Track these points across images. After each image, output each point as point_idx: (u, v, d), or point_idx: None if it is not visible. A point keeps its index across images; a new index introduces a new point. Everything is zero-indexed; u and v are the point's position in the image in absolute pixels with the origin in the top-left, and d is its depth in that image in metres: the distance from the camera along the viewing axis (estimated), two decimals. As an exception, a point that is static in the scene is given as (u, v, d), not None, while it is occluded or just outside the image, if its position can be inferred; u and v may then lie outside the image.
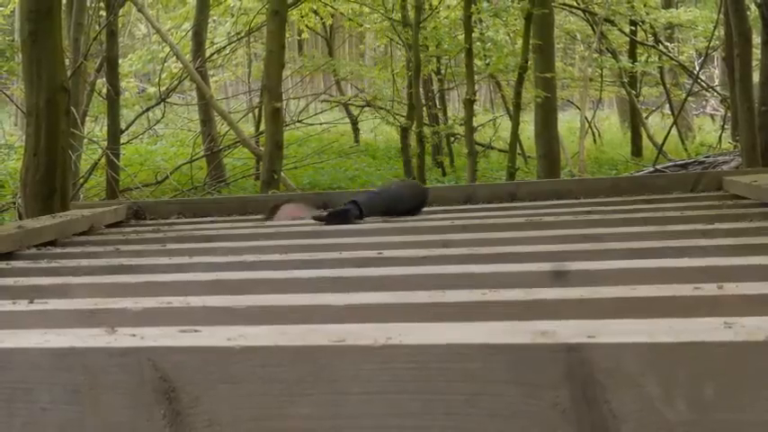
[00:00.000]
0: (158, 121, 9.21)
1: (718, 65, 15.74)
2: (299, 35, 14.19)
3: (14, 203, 6.29)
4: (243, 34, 10.34)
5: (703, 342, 0.71)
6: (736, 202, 2.29)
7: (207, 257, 1.72)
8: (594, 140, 12.67)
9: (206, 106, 8.68)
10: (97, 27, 7.98)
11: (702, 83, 11.48)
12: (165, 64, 9.29)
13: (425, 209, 2.50)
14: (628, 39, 11.93)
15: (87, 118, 8.16)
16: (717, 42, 10.20)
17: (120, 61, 8.35)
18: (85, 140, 7.70)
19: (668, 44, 12.74)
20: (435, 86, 11.73)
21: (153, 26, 8.50)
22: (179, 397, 0.77)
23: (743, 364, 0.70)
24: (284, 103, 7.83)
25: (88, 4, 7.69)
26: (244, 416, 0.77)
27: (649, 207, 2.26)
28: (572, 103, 14.89)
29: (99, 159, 7.50)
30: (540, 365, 0.72)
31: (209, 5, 9.65)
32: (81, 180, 7.05)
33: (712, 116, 15.24)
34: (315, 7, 11.56)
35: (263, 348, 0.77)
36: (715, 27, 9.44)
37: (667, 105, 11.97)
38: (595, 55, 11.30)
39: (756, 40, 6.48)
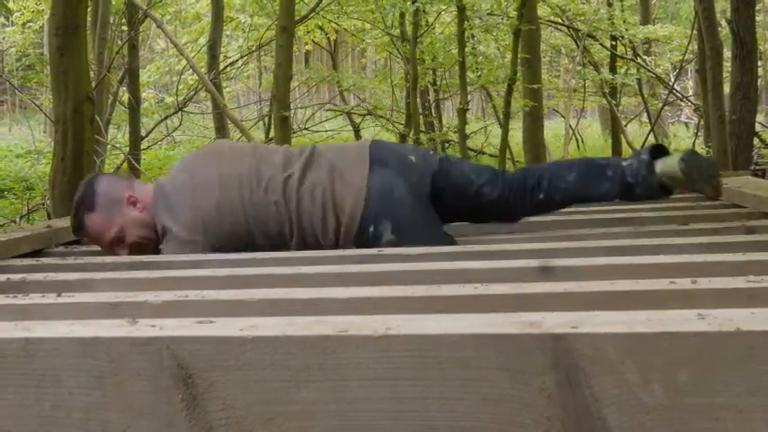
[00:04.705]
0: (176, 129, 9.20)
1: (691, 76, 15.74)
2: (306, 47, 14.18)
3: (43, 204, 6.29)
4: (254, 48, 10.34)
5: (678, 332, 0.71)
6: (709, 203, 2.28)
7: (220, 254, 1.72)
8: (578, 146, 12.67)
9: (220, 115, 8.68)
10: (120, 41, 7.99)
11: (677, 93, 11.48)
12: (182, 76, 9.29)
13: None
14: (609, 53, 11.93)
15: (110, 125, 8.16)
16: (691, 56, 10.19)
17: (140, 72, 8.35)
18: (109, 146, 7.70)
19: (646, 58, 12.74)
20: (431, 96, 11.73)
21: (171, 41, 8.49)
22: (195, 382, 0.77)
23: (714, 353, 0.70)
24: (292, 111, 7.82)
25: (111, 20, 7.70)
26: (255, 400, 0.77)
27: (628, 208, 2.26)
28: (557, 111, 14.88)
29: (121, 164, 7.50)
30: (528, 354, 0.72)
31: (223, 22, 9.65)
32: (105, 183, 7.03)
33: (686, 124, 15.23)
34: (320, 23, 11.56)
35: (272, 338, 0.77)
36: (689, 42, 9.44)
37: (645, 114, 11.97)
38: (579, 68, 11.30)
39: (727, 53, 6.49)
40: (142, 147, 7.98)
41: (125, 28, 7.98)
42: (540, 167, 2.09)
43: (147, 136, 8.27)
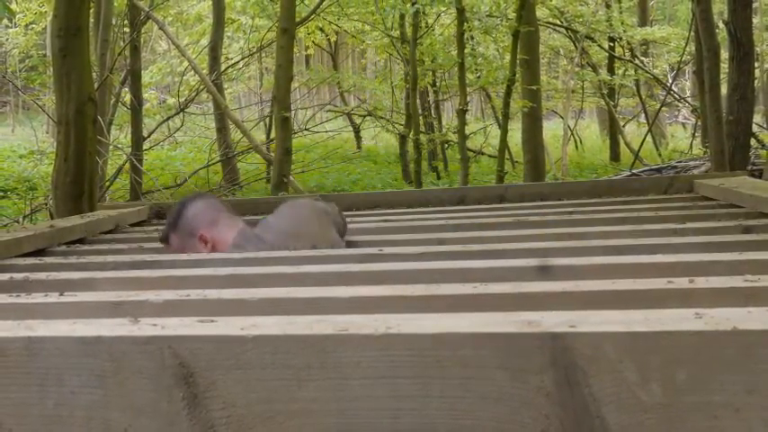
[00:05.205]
0: (177, 129, 9.21)
1: (689, 78, 15.75)
2: (306, 50, 14.19)
3: (46, 204, 6.30)
4: (255, 50, 10.34)
5: (676, 331, 0.71)
6: (706, 203, 2.28)
7: (222, 254, 1.72)
8: (576, 147, 12.68)
9: (221, 116, 8.69)
10: (122, 43, 8.00)
11: (675, 94, 11.49)
12: (184, 77, 9.29)
13: (423, 209, 2.49)
14: (607, 54, 11.94)
15: (113, 126, 8.16)
16: (688, 57, 10.20)
17: (142, 73, 8.34)
18: (111, 147, 7.70)
19: (644, 59, 12.75)
20: (431, 97, 11.74)
21: (173, 42, 8.49)
22: (196, 381, 0.77)
23: (712, 352, 0.70)
24: (293, 112, 7.82)
25: (113, 22, 7.70)
26: (255, 399, 0.77)
27: (626, 208, 2.26)
28: (556, 112, 14.89)
29: (123, 164, 7.50)
30: (527, 352, 0.72)
31: (224, 23, 9.65)
32: (107, 183, 7.05)
33: (684, 124, 15.25)
34: (320, 25, 11.56)
35: (273, 337, 0.77)
36: (686, 43, 9.44)
37: (643, 115, 11.98)
38: (577, 69, 11.31)
39: (724, 55, 6.49)
40: (144, 147, 7.99)
41: (127, 30, 7.99)
42: None
43: (149, 137, 8.28)
